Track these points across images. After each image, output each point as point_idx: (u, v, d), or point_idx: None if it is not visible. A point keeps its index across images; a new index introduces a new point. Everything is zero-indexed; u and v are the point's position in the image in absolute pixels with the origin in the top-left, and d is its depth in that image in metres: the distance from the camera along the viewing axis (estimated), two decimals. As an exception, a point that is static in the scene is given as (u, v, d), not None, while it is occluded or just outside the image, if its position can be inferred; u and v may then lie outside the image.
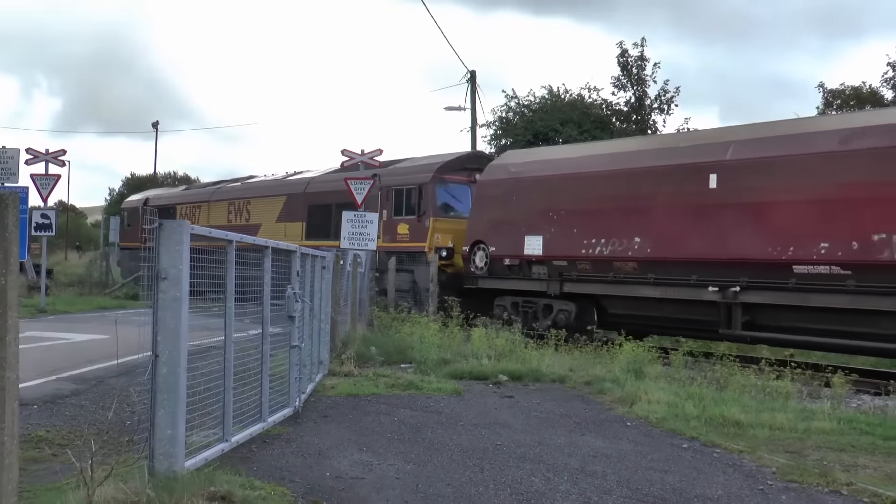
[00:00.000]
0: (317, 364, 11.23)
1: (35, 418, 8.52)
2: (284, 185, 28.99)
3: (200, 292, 6.51)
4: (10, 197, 4.01)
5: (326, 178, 26.82)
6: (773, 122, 16.70)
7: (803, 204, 14.57)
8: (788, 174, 14.83)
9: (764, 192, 15.13)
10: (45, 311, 22.50)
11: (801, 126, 16.04)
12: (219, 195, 32.37)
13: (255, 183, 31.80)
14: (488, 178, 21.11)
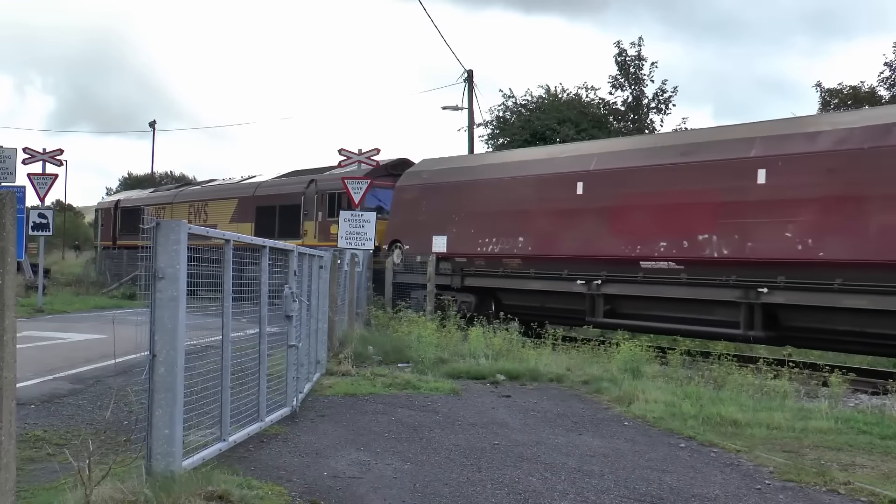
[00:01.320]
0: (314, 363, 11.23)
1: (32, 418, 8.51)
2: (236, 189, 31.85)
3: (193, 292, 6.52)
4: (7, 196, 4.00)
5: (272, 183, 29.81)
6: (628, 137, 20.70)
7: (647, 209, 17.05)
8: (637, 183, 17.38)
9: (618, 198, 17.62)
10: (43, 311, 22.48)
11: (649, 141, 19.42)
12: (180, 197, 34.97)
13: (211, 186, 34.76)
14: (404, 183, 23.70)
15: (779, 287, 14.99)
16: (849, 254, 14.04)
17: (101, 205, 43.80)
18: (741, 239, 15.50)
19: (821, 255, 14.37)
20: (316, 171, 28.07)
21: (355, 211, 18.34)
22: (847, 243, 14.11)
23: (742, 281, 15.45)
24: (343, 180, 19.58)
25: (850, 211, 14.10)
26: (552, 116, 33.74)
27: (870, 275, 13.79)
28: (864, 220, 13.99)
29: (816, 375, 12.89)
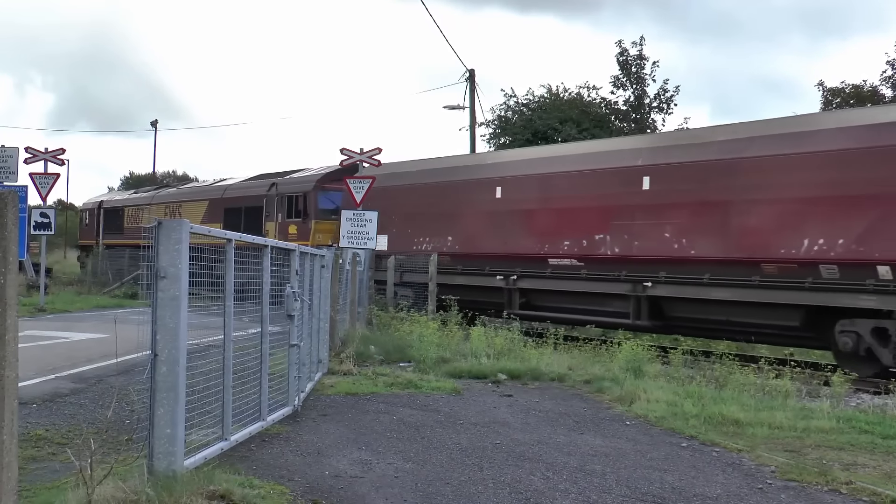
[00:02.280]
0: (316, 363, 11.23)
1: (34, 417, 8.52)
2: (207, 191, 34.08)
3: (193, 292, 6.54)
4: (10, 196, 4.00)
5: (238, 186, 31.91)
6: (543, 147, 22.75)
7: (554, 212, 19.31)
8: (546, 188, 19.54)
9: (530, 202, 19.90)
10: (45, 310, 22.48)
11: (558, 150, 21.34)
12: (158, 199, 37.05)
13: (185, 189, 37.55)
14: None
15: (660, 281, 17.05)
16: (715, 252, 16.15)
17: (85, 205, 45.62)
18: (629, 239, 17.65)
19: (692, 252, 16.53)
20: (277, 175, 30.13)
21: (357, 210, 18.33)
22: (713, 243, 16.20)
23: (631, 276, 17.51)
24: (345, 180, 19.61)
25: (715, 214, 16.18)
26: (554, 116, 33.74)
27: (732, 270, 15.81)
28: (726, 222, 16.04)
29: (818, 375, 12.88)
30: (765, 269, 15.44)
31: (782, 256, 15.19)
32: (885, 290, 13.85)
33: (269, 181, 29.69)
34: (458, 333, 15.54)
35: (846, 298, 14.43)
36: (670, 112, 35.42)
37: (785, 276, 15.26)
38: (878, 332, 14.16)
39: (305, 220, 27.08)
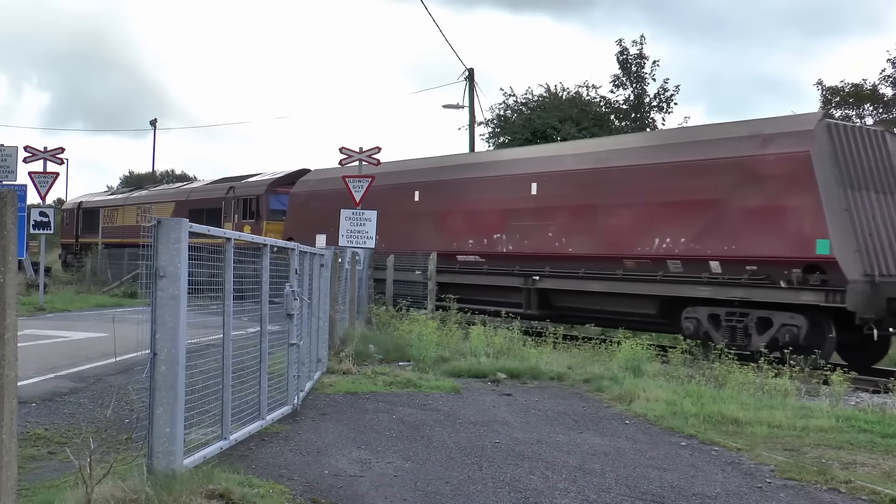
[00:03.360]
0: (315, 362, 11.23)
1: (34, 416, 8.52)
2: (174, 193, 36.89)
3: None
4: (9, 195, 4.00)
5: (201, 188, 34.90)
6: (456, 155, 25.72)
7: (461, 213, 21.95)
8: (454, 192, 22.15)
9: (440, 204, 22.50)
10: (44, 309, 22.48)
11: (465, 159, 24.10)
12: (131, 200, 39.80)
13: (156, 191, 40.31)
14: (297, 190, 28.69)
15: (546, 275, 19.50)
16: (587, 249, 18.66)
17: (66, 206, 47.47)
18: (521, 238, 20.19)
19: (570, 250, 19.09)
20: (235, 179, 32.99)
21: (356, 209, 18.33)
22: (586, 241, 18.70)
23: (523, 270, 20.08)
24: (344, 179, 19.61)
25: (588, 217, 18.74)
26: (553, 115, 33.73)
27: (601, 265, 18.36)
28: (596, 223, 18.57)
29: (817, 374, 12.90)
30: (626, 265, 17.91)
31: (638, 253, 17.67)
32: (716, 282, 16.37)
33: (228, 185, 32.50)
34: (458, 332, 15.54)
35: (688, 289, 16.84)
36: (670, 111, 35.42)
37: (642, 271, 17.64)
38: (713, 318, 16.55)
39: (258, 220, 29.47)
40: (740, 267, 16.00)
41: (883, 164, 15.97)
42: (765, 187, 15.72)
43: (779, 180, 15.53)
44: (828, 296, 14.92)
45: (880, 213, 15.50)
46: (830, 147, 15.23)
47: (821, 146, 15.18)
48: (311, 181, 28.36)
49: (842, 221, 14.94)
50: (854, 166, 15.48)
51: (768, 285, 15.68)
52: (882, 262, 15.08)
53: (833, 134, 15.44)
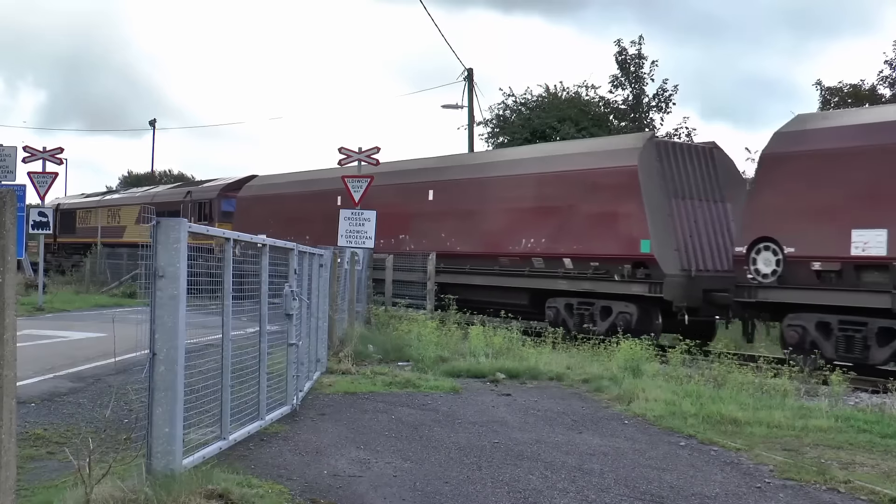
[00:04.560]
0: (314, 362, 11.23)
1: (33, 416, 8.51)
2: (140, 197, 39.84)
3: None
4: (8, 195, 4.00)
5: (163, 193, 38.28)
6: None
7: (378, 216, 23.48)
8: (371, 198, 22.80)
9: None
10: (43, 309, 22.46)
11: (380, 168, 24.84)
12: (104, 203, 43.02)
13: (125, 195, 43.95)
14: (243, 195, 31.39)
15: (442, 271, 21.46)
16: (471, 248, 21.45)
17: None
18: (420, 238, 22.66)
19: (458, 249, 21.77)
20: (193, 184, 37.30)
21: (355, 209, 18.32)
22: (470, 241, 21.49)
23: (423, 267, 21.84)
24: (343, 179, 19.59)
25: (472, 220, 21.55)
26: (552, 115, 33.73)
27: (483, 262, 21.13)
28: (478, 225, 21.39)
29: (817, 374, 12.91)
30: (501, 261, 20.68)
31: (510, 252, 20.50)
32: (569, 276, 19.26)
33: (186, 189, 36.04)
34: (457, 333, 15.54)
35: (548, 282, 19.63)
36: (669, 111, 35.42)
37: (514, 267, 20.43)
38: (568, 307, 19.29)
39: (211, 222, 31.78)
40: (586, 263, 18.86)
41: (708, 176, 18.72)
42: (602, 196, 18.54)
43: (613, 190, 18.28)
44: (651, 287, 17.60)
45: (702, 217, 18.22)
46: (657, 162, 18.02)
47: (647, 161, 17.93)
48: (254, 186, 31.52)
49: (663, 225, 17.65)
50: (679, 178, 18.19)
51: (607, 279, 18.45)
52: (700, 259, 17.76)
53: (661, 151, 18.27)
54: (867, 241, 14.24)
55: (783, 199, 15.49)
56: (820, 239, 14.85)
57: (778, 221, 15.53)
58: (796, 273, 15.21)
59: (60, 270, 39.41)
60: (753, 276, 15.80)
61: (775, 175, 15.76)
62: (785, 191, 15.46)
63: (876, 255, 14.10)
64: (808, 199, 15.05)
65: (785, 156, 15.68)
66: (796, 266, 15.17)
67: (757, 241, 15.85)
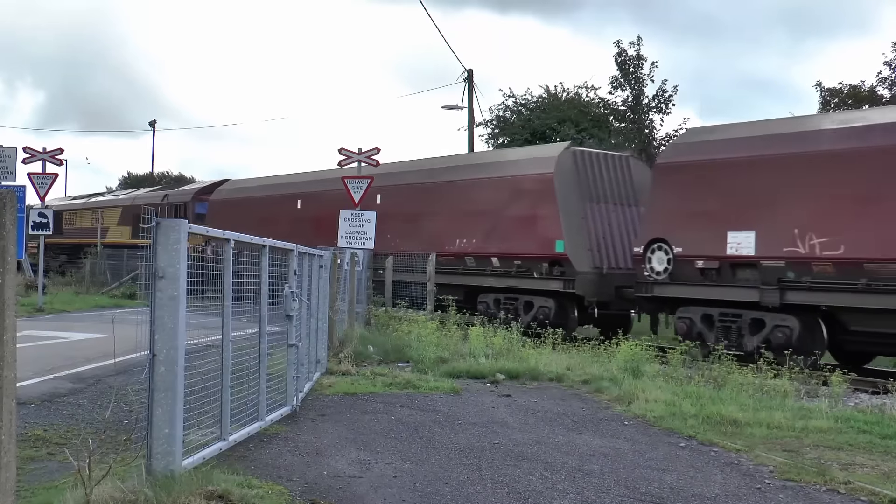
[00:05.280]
0: (314, 363, 11.23)
1: (32, 417, 8.51)
2: (122, 200, 42.36)
3: None
4: (8, 195, 4.00)
5: (142, 196, 40.50)
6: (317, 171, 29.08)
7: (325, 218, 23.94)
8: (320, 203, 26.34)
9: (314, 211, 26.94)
10: (43, 310, 22.47)
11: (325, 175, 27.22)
12: (88, 205, 45.27)
13: (108, 197, 46.23)
14: (215, 198, 33.32)
15: (395, 269, 22.72)
16: (415, 247, 22.56)
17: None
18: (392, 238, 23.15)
19: (403, 248, 23.06)
20: (169, 188, 40.12)
21: (355, 210, 18.32)
22: (413, 241, 22.73)
23: (378, 266, 23.04)
24: (343, 180, 19.62)
25: (414, 222, 23.18)
26: (552, 116, 33.74)
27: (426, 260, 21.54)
28: (420, 227, 22.95)
29: (817, 375, 12.92)
30: (440, 260, 21.53)
31: (447, 251, 22.01)
32: (496, 274, 21.11)
33: (164, 193, 38.43)
34: (457, 333, 15.54)
35: (479, 279, 21.48)
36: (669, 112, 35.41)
37: (450, 265, 21.99)
38: (496, 302, 21.11)
39: None
40: (511, 262, 20.63)
41: (623, 182, 20.45)
42: (525, 201, 20.30)
43: (533, 195, 20.07)
44: (565, 284, 19.35)
45: (616, 220, 19.94)
46: (574, 170, 19.80)
47: (563, 169, 19.70)
48: (224, 190, 33.80)
49: (577, 227, 19.40)
50: (595, 184, 19.96)
51: (528, 276, 20.13)
52: (612, 258, 19.42)
53: (577, 160, 20.01)
54: (740, 242, 16.04)
55: (673, 204, 17.31)
56: (702, 240, 16.63)
57: (668, 224, 17.31)
58: (683, 270, 17.03)
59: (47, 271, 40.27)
60: (649, 274, 17.60)
61: (667, 183, 17.64)
62: (674, 197, 17.29)
63: (747, 254, 15.91)
64: (692, 205, 16.88)
65: (675, 165, 17.59)
66: (683, 264, 16.99)
67: (652, 242, 17.63)
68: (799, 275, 15.29)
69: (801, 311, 15.44)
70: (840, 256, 14.69)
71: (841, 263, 14.67)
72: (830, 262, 14.83)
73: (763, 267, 15.70)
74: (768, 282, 15.64)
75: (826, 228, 14.85)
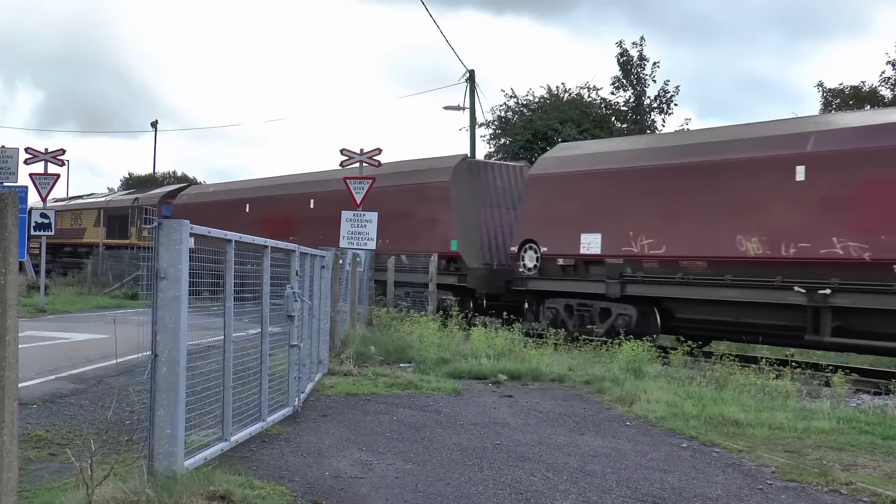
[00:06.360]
0: (316, 363, 11.23)
1: (34, 418, 8.52)
2: (98, 203, 44.35)
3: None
4: (10, 196, 4.00)
5: (117, 199, 43.41)
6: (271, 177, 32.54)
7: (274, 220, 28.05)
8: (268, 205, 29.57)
9: (264, 213, 29.55)
10: (45, 311, 22.49)
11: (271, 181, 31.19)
12: (69, 207, 46.77)
13: (87, 200, 47.99)
14: (178, 202, 35.66)
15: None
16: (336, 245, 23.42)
17: None
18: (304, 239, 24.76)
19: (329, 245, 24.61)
20: (140, 192, 42.31)
21: (357, 211, 18.33)
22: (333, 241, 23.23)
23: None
24: (345, 180, 19.64)
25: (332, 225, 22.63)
26: (554, 116, 33.75)
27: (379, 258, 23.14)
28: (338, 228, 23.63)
29: (819, 376, 12.93)
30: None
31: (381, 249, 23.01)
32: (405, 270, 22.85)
33: (134, 196, 40.85)
34: (459, 334, 15.54)
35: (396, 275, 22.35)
36: (670, 112, 35.44)
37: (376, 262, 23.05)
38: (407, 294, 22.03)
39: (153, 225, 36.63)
40: (419, 259, 22.51)
41: (516, 189, 23.02)
42: (428, 205, 22.72)
43: (434, 201, 22.64)
44: (459, 278, 22.18)
45: (507, 222, 22.43)
46: (468, 178, 22.70)
47: (458, 178, 22.54)
48: (185, 195, 36.63)
49: (469, 228, 22.22)
50: (489, 191, 22.88)
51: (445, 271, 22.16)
52: (503, 256, 22.00)
53: (472, 169, 23.03)
54: (590, 242, 18.88)
55: (540, 210, 20.18)
56: (562, 241, 19.36)
57: (537, 227, 20.18)
58: (549, 267, 19.80)
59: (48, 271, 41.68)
60: (523, 270, 20.38)
61: (536, 192, 20.60)
62: (541, 204, 20.20)
63: (595, 253, 18.74)
64: (555, 211, 19.66)
65: (542, 176, 20.58)
66: (549, 262, 19.79)
67: (525, 243, 20.43)
68: (634, 270, 18.02)
69: (639, 301, 18.03)
70: (662, 255, 17.45)
71: (663, 261, 17.44)
72: (655, 259, 17.58)
73: (608, 264, 18.49)
74: (612, 276, 18.35)
75: (652, 231, 17.62)
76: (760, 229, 15.77)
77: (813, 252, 15.03)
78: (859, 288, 14.50)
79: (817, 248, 14.98)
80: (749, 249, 15.98)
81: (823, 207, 14.99)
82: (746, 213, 16.01)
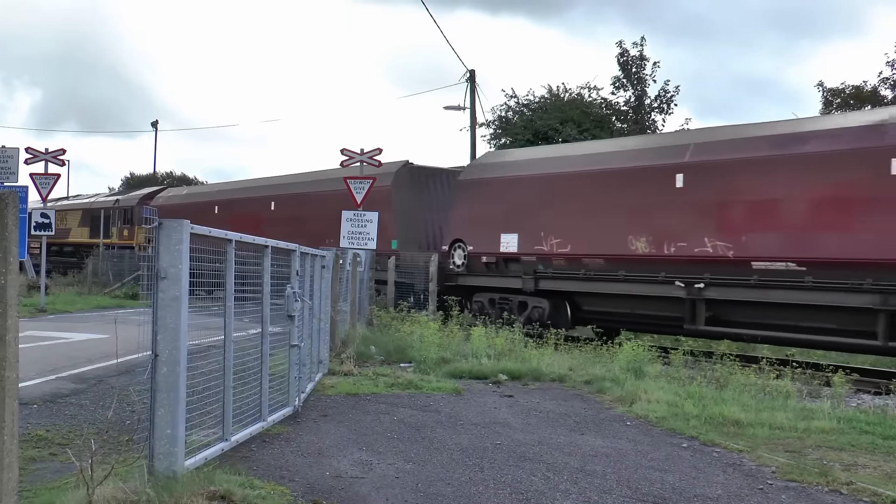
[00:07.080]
0: (316, 363, 11.23)
1: (35, 417, 8.52)
2: (82, 204, 46.72)
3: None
4: (10, 196, 4.00)
5: (99, 200, 45.24)
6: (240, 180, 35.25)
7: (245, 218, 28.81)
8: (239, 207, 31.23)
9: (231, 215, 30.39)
10: (45, 311, 22.49)
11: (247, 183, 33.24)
12: (56, 207, 48.11)
13: (72, 201, 49.91)
14: (154, 204, 36.00)
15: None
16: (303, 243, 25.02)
17: None
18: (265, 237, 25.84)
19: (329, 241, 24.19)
20: (120, 194, 45.49)
21: (357, 211, 18.33)
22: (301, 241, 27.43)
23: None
24: (346, 180, 19.65)
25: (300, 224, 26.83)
26: (554, 116, 33.74)
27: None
28: (305, 227, 25.78)
29: (819, 375, 12.92)
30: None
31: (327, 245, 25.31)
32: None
33: (115, 198, 43.46)
34: (459, 334, 15.54)
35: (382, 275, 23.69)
36: (671, 112, 35.43)
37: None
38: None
39: (132, 226, 38.85)
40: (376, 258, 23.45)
41: (450, 191, 24.45)
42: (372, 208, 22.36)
43: (381, 203, 23.02)
44: (399, 274, 23.45)
45: (444, 222, 23.86)
46: (409, 182, 24.91)
47: (399, 182, 24.69)
48: (162, 197, 38.41)
49: (409, 228, 24.59)
50: (429, 194, 24.97)
51: (377, 268, 23.40)
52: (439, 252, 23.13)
53: (413, 174, 25.11)
54: (508, 242, 20.53)
55: (467, 212, 21.97)
56: (485, 240, 21.07)
57: (464, 228, 22.01)
58: (475, 264, 21.56)
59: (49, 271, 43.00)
60: (453, 267, 22.07)
61: (464, 195, 22.38)
62: (468, 206, 21.94)
63: (513, 251, 20.39)
64: (479, 212, 21.38)
65: (469, 181, 22.44)
66: (474, 259, 21.52)
67: (454, 242, 22.15)
68: (545, 267, 19.71)
69: (551, 295, 19.70)
70: (568, 253, 19.19)
71: (569, 258, 19.20)
72: (563, 257, 19.31)
73: (523, 261, 20.16)
74: (527, 272, 19.98)
75: (559, 232, 19.31)
76: (647, 230, 17.51)
77: (689, 251, 16.82)
78: (726, 282, 16.24)
79: (692, 246, 16.77)
80: (638, 248, 17.72)
81: (697, 211, 16.75)
82: (636, 216, 17.72)
